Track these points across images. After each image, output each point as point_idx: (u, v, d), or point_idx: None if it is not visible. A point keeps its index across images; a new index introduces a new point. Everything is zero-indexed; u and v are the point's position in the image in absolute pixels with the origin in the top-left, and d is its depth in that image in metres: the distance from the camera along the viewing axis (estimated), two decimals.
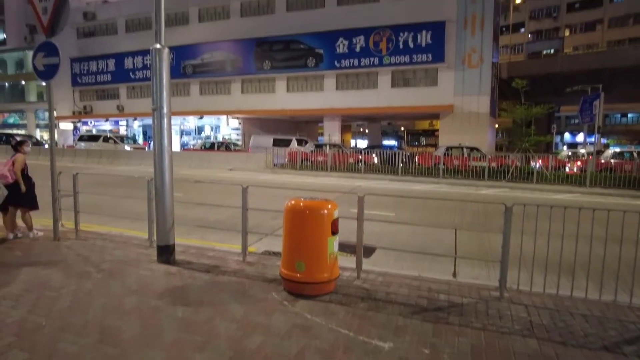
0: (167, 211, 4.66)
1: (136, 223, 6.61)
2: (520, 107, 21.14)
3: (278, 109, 30.61)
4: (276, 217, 7.60)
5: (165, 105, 4.56)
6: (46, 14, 5.36)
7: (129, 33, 35.79)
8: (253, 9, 31.52)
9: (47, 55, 5.42)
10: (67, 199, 6.41)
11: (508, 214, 3.83)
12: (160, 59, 4.54)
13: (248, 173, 17.66)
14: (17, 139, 6.33)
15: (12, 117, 44.80)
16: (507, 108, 23.06)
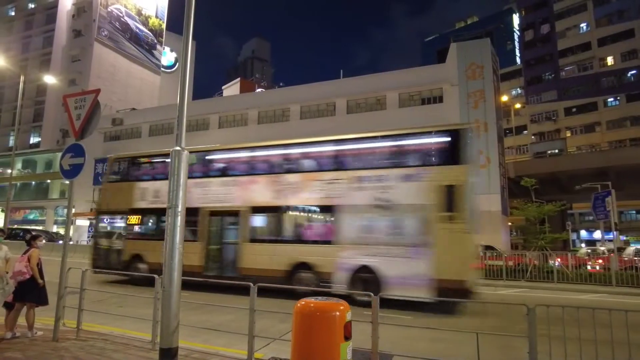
0: (173, 312, 4.48)
1: (139, 323, 6.34)
2: (531, 205, 21.14)
3: None
4: (285, 319, 7.27)
5: (180, 204, 4.66)
6: (79, 120, 5.81)
7: (152, 137, 38.25)
8: (269, 117, 33.87)
9: (74, 156, 5.76)
10: (73, 295, 6.27)
11: (532, 316, 3.60)
12: (179, 160, 4.77)
13: None
14: (32, 234, 6.40)
15: (33, 214, 46.10)
16: (519, 206, 23.08)
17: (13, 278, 5.77)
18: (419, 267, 9.14)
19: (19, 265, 5.84)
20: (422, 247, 9.23)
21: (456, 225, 8.93)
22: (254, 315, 4.84)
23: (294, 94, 33.43)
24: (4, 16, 53.69)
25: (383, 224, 9.87)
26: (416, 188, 9.44)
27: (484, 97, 27.96)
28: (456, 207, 8.98)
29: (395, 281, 9.35)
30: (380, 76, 31.49)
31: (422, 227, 9.32)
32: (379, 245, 9.67)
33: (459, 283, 8.71)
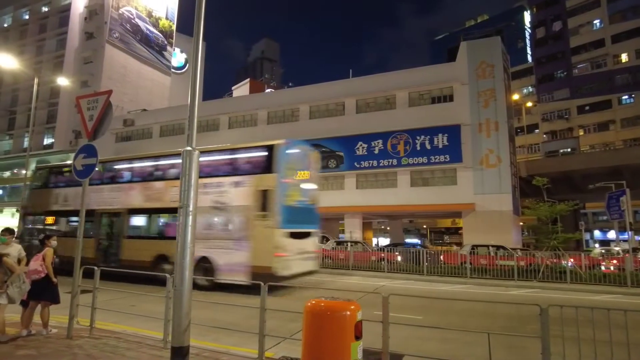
0: (184, 311, 4.52)
1: (152, 322, 6.40)
2: (543, 205, 20.88)
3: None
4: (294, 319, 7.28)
5: (191, 204, 4.70)
6: (92, 121, 5.89)
7: (162, 137, 38.60)
8: (279, 117, 33.95)
9: (86, 156, 5.84)
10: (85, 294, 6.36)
11: (544, 317, 3.56)
12: (191, 160, 4.80)
13: None
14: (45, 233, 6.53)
15: None
16: (530, 206, 22.81)
17: (28, 277, 5.87)
18: (241, 256, 11.07)
19: (34, 264, 5.95)
20: (243, 241, 11.15)
21: (266, 221, 10.96)
22: (265, 314, 4.85)
23: (303, 94, 33.46)
24: (19, 20, 54.57)
25: (218, 222, 11.93)
26: (242, 192, 11.42)
27: (495, 96, 27.70)
28: (267, 207, 11.01)
29: (225, 268, 11.30)
30: (390, 75, 31.36)
31: (244, 224, 11.25)
32: (214, 239, 11.61)
33: (267, 269, 10.58)
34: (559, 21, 52.89)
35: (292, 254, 11.32)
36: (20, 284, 5.64)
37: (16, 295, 5.60)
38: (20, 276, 5.68)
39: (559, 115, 51.46)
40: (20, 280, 5.66)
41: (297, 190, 12.10)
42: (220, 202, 11.77)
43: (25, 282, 5.69)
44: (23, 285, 5.70)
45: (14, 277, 5.59)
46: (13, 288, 5.55)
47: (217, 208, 11.79)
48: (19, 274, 5.67)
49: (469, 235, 26.12)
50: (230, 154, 12.80)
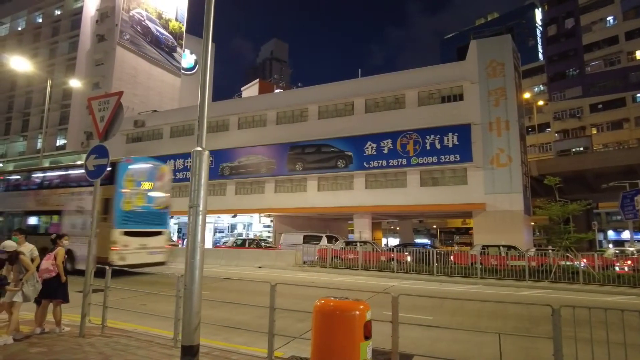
0: (194, 310, 4.55)
1: (162, 321, 6.45)
2: (555, 205, 20.59)
3: (308, 206, 31.21)
4: (304, 318, 7.29)
5: (201, 204, 4.73)
6: (103, 122, 5.96)
7: (173, 138, 38.91)
8: (288, 117, 34.01)
9: (98, 157, 5.91)
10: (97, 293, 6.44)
11: (556, 318, 3.51)
12: (200, 160, 4.83)
13: (277, 271, 17.39)
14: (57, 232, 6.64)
15: None
16: (542, 206, 22.52)
17: (40, 276, 5.96)
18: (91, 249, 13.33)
19: (45, 263, 6.03)
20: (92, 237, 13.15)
21: (107, 223, 14.13)
22: (274, 313, 4.86)
23: (312, 94, 33.47)
24: (32, 23, 55.41)
25: (79, 222, 15.24)
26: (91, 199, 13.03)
27: (505, 95, 27.43)
28: (108, 211, 14.26)
29: (81, 259, 13.66)
30: (399, 75, 31.22)
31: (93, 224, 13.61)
32: (76, 235, 13.62)
33: (105, 259, 13.33)
34: (571, 18, 52.17)
35: (131, 248, 14.51)
36: (34, 282, 5.74)
37: (31, 293, 5.70)
38: (34, 275, 5.78)
39: (571, 113, 50.76)
40: (34, 278, 5.76)
41: (141, 197, 15.36)
42: (80, 206, 15.36)
43: (38, 280, 5.78)
44: (37, 284, 5.80)
45: (29, 275, 5.68)
46: (28, 286, 5.64)
47: (78, 211, 15.37)
48: (33, 273, 5.77)
49: (480, 236, 25.92)
50: (77, 169, 16.47)
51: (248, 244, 23.27)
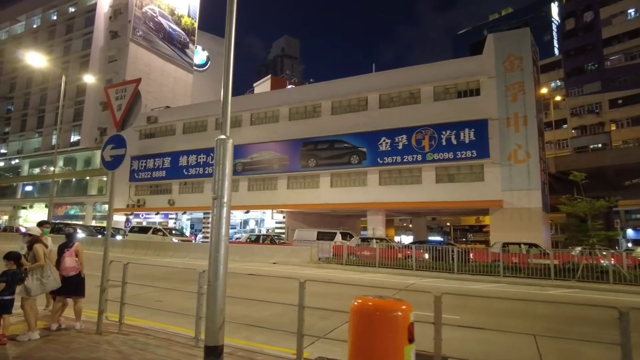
0: (218, 308, 4.27)
1: (180, 318, 6.20)
2: (581, 201, 19.92)
3: (321, 203, 30.92)
4: (326, 316, 6.99)
5: (226, 195, 4.45)
6: (120, 110, 5.71)
7: (185, 134, 38.89)
8: (300, 113, 33.71)
9: (115, 147, 5.67)
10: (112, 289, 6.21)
11: (625, 322, 3.14)
12: (225, 149, 4.55)
13: (292, 267, 17.15)
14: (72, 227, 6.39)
15: (74, 209, 47.92)
16: (566, 202, 21.79)
17: (66, 273, 5.77)
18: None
19: (70, 260, 5.83)
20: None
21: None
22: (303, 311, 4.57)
23: (325, 90, 33.11)
24: (47, 21, 55.91)
25: None
26: None
27: (523, 90, 26.75)
28: None
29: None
30: (414, 69, 30.69)
31: None
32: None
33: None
34: (590, 11, 50.90)
35: None
36: (40, 277, 5.43)
37: (33, 287, 5.38)
38: (45, 270, 5.47)
39: (589, 109, 49.58)
40: (42, 273, 5.44)
41: None
42: None
43: (50, 277, 5.50)
44: (44, 280, 5.47)
45: (36, 267, 5.40)
46: (32, 280, 5.37)
47: None
48: (43, 266, 5.49)
49: (497, 233, 25.34)
50: None
51: (262, 240, 23.05)
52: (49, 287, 5.54)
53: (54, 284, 5.56)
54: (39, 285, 5.43)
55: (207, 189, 36.93)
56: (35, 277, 5.37)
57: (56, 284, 5.57)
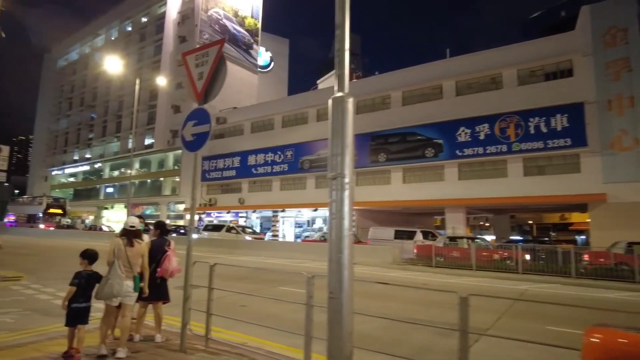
0: (346, 330, 3.04)
1: (275, 334, 5.03)
2: None
3: (393, 200, 29.21)
4: (446, 334, 5.54)
5: (347, 173, 3.21)
6: (202, 79, 4.69)
7: (253, 133, 38.99)
8: (368, 106, 32.25)
9: (197, 123, 4.68)
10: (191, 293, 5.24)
11: None
12: (344, 111, 3.32)
13: (373, 269, 15.74)
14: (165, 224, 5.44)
15: (149, 209, 50.20)
16: None
17: (171, 275, 4.93)
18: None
19: (175, 260, 4.97)
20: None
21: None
22: (467, 337, 3.18)
23: (393, 80, 31.32)
24: (123, 32, 59.37)
25: None
26: None
27: (629, 66, 23.14)
28: None
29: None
30: (494, 52, 27.89)
31: None
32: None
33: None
34: None
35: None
36: (120, 280, 4.39)
37: (109, 290, 4.35)
38: (111, 270, 4.41)
39: None
40: (118, 276, 4.39)
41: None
42: None
43: (109, 280, 4.36)
44: (113, 281, 4.36)
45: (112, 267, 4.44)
46: (112, 282, 4.38)
47: None
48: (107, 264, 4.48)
49: (600, 232, 22.10)
50: None
51: None
52: (104, 294, 4.38)
53: (110, 291, 4.35)
54: (99, 287, 4.42)
55: (276, 187, 36.66)
56: (116, 280, 4.42)
57: (112, 291, 4.35)
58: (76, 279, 4.27)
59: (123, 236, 4.49)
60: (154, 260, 4.89)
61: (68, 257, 18.44)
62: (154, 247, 4.87)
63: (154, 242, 4.97)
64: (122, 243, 4.42)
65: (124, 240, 4.44)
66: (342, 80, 3.42)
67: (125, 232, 4.51)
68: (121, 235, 4.51)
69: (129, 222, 4.60)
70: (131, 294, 4.42)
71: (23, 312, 6.64)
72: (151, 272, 4.83)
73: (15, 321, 5.97)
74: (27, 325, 5.81)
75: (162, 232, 5.22)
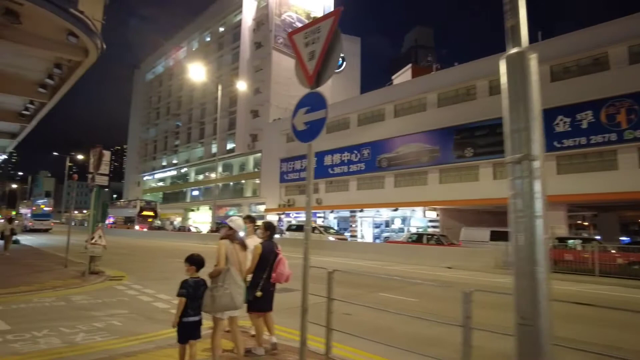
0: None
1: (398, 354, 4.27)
2: None
3: (482, 198, 27.07)
4: None
5: (538, 155, 2.36)
6: (313, 59, 4.09)
7: (329, 134, 38.69)
8: (451, 98, 30.41)
9: (310, 109, 4.08)
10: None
11: None
12: (525, 71, 2.48)
13: (474, 274, 14.33)
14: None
15: (232, 210, 52.26)
16: None
17: (286, 280, 4.50)
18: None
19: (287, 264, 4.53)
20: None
21: None
22: None
23: (479, 68, 29.04)
24: (203, 42, 62.65)
25: None
26: None
27: None
28: None
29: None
30: (596, 29, 24.45)
31: None
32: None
33: None
34: None
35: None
36: (213, 288, 3.90)
37: (205, 300, 3.89)
38: (225, 277, 3.89)
39: None
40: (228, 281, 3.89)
41: None
42: None
43: (227, 290, 3.88)
44: (215, 292, 3.89)
45: (214, 273, 3.92)
46: (208, 290, 3.94)
47: None
48: (220, 272, 3.94)
49: None
50: None
51: (426, 240, 20.61)
52: (220, 306, 3.87)
53: (228, 302, 3.86)
54: (208, 298, 3.90)
55: (352, 187, 36.04)
56: (213, 286, 3.95)
57: (231, 302, 3.88)
58: (184, 289, 3.78)
59: (232, 238, 4.01)
60: (266, 264, 4.39)
61: (162, 257, 19.40)
62: (265, 250, 4.35)
63: (264, 244, 4.45)
64: (234, 246, 3.94)
65: (236, 243, 3.96)
66: (516, 32, 2.57)
67: (235, 234, 4.03)
68: (226, 237, 4.03)
69: (236, 222, 4.11)
70: (243, 305, 3.95)
71: (129, 314, 6.61)
72: (265, 278, 4.33)
73: (123, 324, 5.89)
74: (134, 330, 5.69)
75: (272, 234, 4.71)
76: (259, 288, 4.13)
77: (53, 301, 7.39)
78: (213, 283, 3.91)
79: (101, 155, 11.03)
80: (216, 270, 3.91)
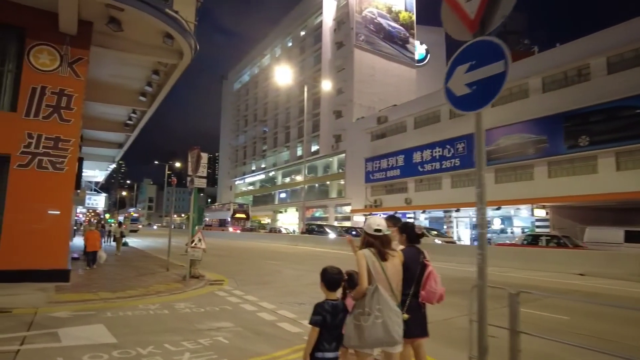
0: None
1: None
2: None
3: (603, 193, 23.38)
4: None
5: None
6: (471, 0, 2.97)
7: (417, 129, 36.82)
8: (558, 81, 26.96)
9: (476, 65, 2.95)
10: None
11: None
12: None
13: (619, 283, 11.87)
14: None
15: (318, 212, 52.36)
16: None
17: (439, 300, 3.50)
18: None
19: (439, 281, 3.51)
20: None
21: None
22: None
23: (590, 45, 25.30)
24: (285, 48, 63.98)
25: None
26: None
27: None
28: None
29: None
30: None
31: None
32: None
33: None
34: None
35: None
36: (359, 315, 2.90)
37: (348, 331, 2.92)
38: (371, 301, 2.87)
39: None
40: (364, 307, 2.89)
41: None
42: None
43: (379, 319, 2.85)
44: (363, 321, 2.87)
45: (356, 296, 2.96)
46: (350, 318, 2.95)
47: None
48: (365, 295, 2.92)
49: None
50: None
51: (545, 242, 18.09)
52: (371, 340, 2.86)
53: (381, 335, 2.84)
54: (353, 330, 2.90)
55: (445, 184, 33.73)
56: (355, 313, 2.94)
57: (386, 335, 2.84)
58: (318, 315, 2.82)
59: (370, 246, 3.02)
60: (412, 278, 3.37)
61: (257, 258, 19.42)
62: (407, 260, 3.29)
63: (405, 252, 3.39)
64: (374, 257, 2.94)
65: (375, 253, 2.96)
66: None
67: (374, 238, 3.02)
68: (368, 246, 3.02)
69: (373, 223, 3.10)
70: (402, 338, 2.93)
71: (234, 328, 6.05)
72: (412, 295, 3.33)
73: (230, 342, 5.29)
74: (242, 348, 5.05)
75: (411, 238, 3.66)
76: (404, 309, 3.11)
77: (157, 308, 7.15)
78: (356, 308, 2.93)
79: (199, 157, 10.96)
80: (359, 291, 2.94)
